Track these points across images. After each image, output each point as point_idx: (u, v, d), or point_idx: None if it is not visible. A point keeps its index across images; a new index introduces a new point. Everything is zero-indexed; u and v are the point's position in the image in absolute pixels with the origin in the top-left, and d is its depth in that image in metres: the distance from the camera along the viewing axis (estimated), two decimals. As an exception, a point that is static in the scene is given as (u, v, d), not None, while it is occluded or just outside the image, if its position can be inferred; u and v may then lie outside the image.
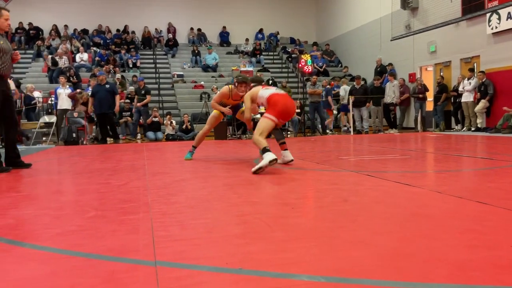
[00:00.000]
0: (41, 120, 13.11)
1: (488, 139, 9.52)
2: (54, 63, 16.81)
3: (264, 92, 5.34)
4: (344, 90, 14.94)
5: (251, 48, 21.32)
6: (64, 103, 12.73)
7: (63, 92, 12.84)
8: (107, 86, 11.97)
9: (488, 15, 12.48)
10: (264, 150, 4.77)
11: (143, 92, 14.05)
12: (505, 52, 12.23)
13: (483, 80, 12.45)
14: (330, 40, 21.74)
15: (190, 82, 18.26)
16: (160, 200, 3.32)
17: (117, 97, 12.11)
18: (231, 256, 1.95)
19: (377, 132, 14.26)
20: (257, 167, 4.68)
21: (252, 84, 5.83)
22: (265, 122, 5.10)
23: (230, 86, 6.16)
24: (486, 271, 1.69)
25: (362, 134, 13.64)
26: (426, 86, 14.39)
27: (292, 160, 5.44)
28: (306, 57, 15.91)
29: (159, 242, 2.16)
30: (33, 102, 13.96)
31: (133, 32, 20.94)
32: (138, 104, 13.75)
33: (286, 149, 5.46)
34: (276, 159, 4.70)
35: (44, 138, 12.64)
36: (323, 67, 19.24)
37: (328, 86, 15.08)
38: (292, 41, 22.64)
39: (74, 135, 11.89)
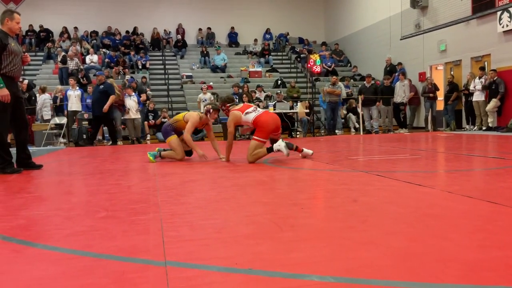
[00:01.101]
0: (52, 122, 13.22)
1: (500, 138, 9.43)
2: (64, 61, 16.94)
3: (248, 116, 5.86)
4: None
5: (259, 48, 21.32)
6: (74, 104, 12.82)
7: (73, 94, 12.93)
8: (101, 87, 11.55)
9: (498, 13, 12.37)
10: (269, 150, 5.64)
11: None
12: (516, 50, 12.11)
13: (494, 79, 12.33)
14: (339, 40, 21.67)
15: (199, 83, 18.30)
16: (170, 200, 3.34)
17: (111, 97, 11.51)
18: (241, 256, 1.95)
19: (387, 131, 14.18)
20: (285, 152, 5.65)
21: (228, 105, 6.19)
22: (255, 144, 5.73)
23: (200, 114, 6.46)
24: (497, 271, 1.68)
25: (371, 134, 13.58)
26: (437, 85, 14.29)
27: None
28: (315, 57, 15.89)
29: (169, 243, 2.17)
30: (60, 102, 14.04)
31: (141, 34, 21.02)
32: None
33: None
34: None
35: (59, 139, 12.74)
36: (332, 67, 19.20)
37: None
38: (301, 41, 22.61)
39: (84, 136, 11.97)
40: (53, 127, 12.90)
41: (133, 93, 12.90)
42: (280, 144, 5.71)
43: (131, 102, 12.71)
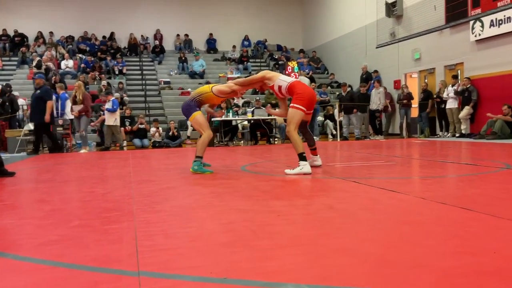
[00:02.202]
0: (26, 128, 12.94)
1: (472, 145, 9.63)
2: (39, 65, 16.64)
3: (286, 77, 5.36)
4: None
5: (238, 55, 21.36)
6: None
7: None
8: (38, 92, 10.93)
9: (471, 22, 12.68)
10: (301, 157, 5.06)
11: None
12: (488, 59, 12.42)
13: (467, 87, 12.62)
14: (316, 47, 21.88)
15: (177, 89, 18.22)
16: (145, 208, 3.29)
17: (48, 103, 10.70)
18: (216, 265, 1.93)
19: (364, 138, 14.35)
20: (293, 172, 4.99)
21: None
22: (297, 114, 5.11)
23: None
24: (470, 278, 1.70)
25: (349, 140, 13.71)
26: (412, 94, 14.53)
27: (320, 165, 5.65)
28: (292, 64, 16.02)
29: (143, 252, 2.14)
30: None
31: (114, 40, 20.73)
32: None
33: (317, 155, 5.71)
34: (310, 173, 5.00)
35: (39, 147, 12.44)
36: (310, 74, 19.34)
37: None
38: (279, 48, 22.74)
39: (59, 141, 11.76)
40: (26, 133, 12.63)
41: (111, 99, 12.61)
42: (306, 165, 5.06)
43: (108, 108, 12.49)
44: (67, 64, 18.16)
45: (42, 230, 2.73)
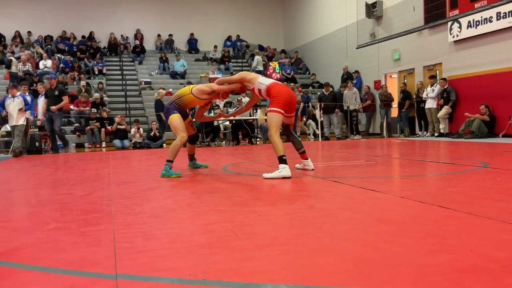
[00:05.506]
0: (3, 129, 12.69)
1: (451, 144, 9.77)
2: (8, 65, 16.37)
3: (264, 80, 5.24)
4: None
5: (219, 55, 21.31)
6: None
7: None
8: None
9: (449, 23, 12.87)
10: (281, 160, 4.87)
11: (56, 93, 11.33)
12: (466, 59, 12.62)
13: (445, 87, 12.81)
14: (298, 48, 21.96)
15: (158, 89, 18.06)
16: (124, 210, 3.25)
17: None
18: (195, 266, 1.92)
19: (344, 138, 14.45)
20: (270, 176, 4.80)
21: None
22: (276, 117, 4.99)
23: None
24: (447, 276, 1.72)
25: (330, 140, 13.79)
26: (392, 95, 14.66)
27: (312, 169, 5.45)
28: (274, 64, 16.04)
29: (121, 254, 2.11)
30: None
31: (94, 40, 20.47)
32: (53, 108, 11.12)
33: (307, 158, 5.50)
34: (290, 177, 4.77)
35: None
36: (291, 74, 19.41)
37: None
38: (261, 48, 22.75)
39: (37, 144, 11.56)
40: (4, 134, 12.39)
41: (17, 94, 10.73)
42: (285, 168, 4.87)
43: (13, 105, 10.64)
44: (46, 64, 17.87)
45: (17, 233, 2.68)
